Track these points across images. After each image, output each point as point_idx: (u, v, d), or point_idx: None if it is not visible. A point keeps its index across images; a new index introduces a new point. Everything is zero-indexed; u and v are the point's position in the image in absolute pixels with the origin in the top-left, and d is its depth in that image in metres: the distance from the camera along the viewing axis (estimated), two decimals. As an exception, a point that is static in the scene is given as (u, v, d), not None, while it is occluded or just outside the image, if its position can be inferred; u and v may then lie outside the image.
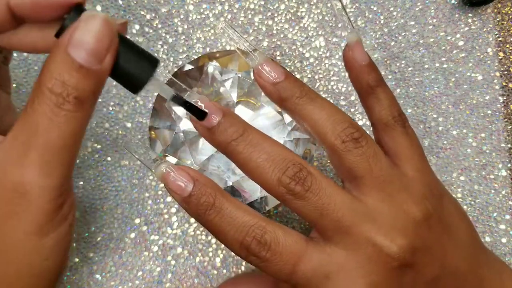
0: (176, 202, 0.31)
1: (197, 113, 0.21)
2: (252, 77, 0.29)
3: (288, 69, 0.35)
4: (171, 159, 0.30)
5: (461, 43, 0.37)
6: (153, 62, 0.21)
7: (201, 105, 0.21)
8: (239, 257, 0.22)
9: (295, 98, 0.22)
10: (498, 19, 0.37)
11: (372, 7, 0.37)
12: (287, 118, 0.31)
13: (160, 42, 0.35)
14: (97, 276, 0.33)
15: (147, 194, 0.34)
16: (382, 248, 0.21)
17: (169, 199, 0.34)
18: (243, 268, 0.34)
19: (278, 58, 0.36)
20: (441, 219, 0.23)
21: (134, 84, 0.21)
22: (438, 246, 0.23)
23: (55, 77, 0.19)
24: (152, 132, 0.31)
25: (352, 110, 0.36)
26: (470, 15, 0.37)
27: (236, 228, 0.21)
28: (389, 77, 0.36)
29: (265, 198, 0.30)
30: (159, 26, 0.35)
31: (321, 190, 0.21)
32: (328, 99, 0.36)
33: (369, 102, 0.24)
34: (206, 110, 0.21)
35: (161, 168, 0.21)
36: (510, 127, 0.36)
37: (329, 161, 0.36)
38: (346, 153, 0.22)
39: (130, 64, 0.20)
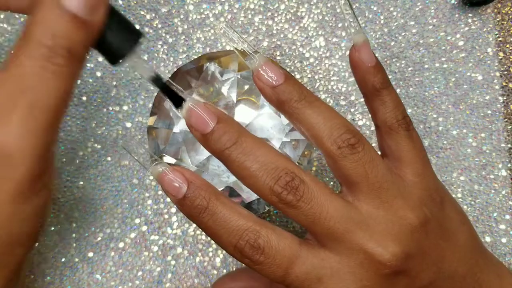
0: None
1: (175, 100, 0.21)
2: (252, 77, 0.29)
3: (288, 69, 0.35)
4: (170, 159, 0.30)
5: (461, 43, 0.37)
6: (137, 36, 0.20)
7: (181, 92, 0.21)
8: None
9: (293, 101, 0.22)
10: (498, 19, 0.37)
11: (372, 7, 0.37)
12: (287, 118, 0.31)
13: (160, 42, 0.35)
14: (97, 276, 0.33)
15: (147, 194, 0.34)
16: (374, 256, 0.21)
17: (169, 199, 0.34)
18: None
19: (278, 58, 0.36)
20: (440, 224, 0.23)
21: (114, 54, 0.20)
22: (435, 252, 0.22)
23: (45, 29, 0.18)
24: (152, 132, 0.31)
25: (352, 110, 0.36)
26: (470, 15, 0.37)
27: (230, 232, 0.21)
28: (389, 77, 0.36)
29: (265, 198, 0.30)
30: (159, 26, 0.35)
31: (313, 199, 0.21)
32: (328, 99, 0.36)
33: (374, 104, 0.24)
34: (185, 98, 0.21)
35: (158, 168, 0.21)
36: (510, 127, 0.36)
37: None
38: (342, 159, 0.21)
39: (115, 33, 0.19)
